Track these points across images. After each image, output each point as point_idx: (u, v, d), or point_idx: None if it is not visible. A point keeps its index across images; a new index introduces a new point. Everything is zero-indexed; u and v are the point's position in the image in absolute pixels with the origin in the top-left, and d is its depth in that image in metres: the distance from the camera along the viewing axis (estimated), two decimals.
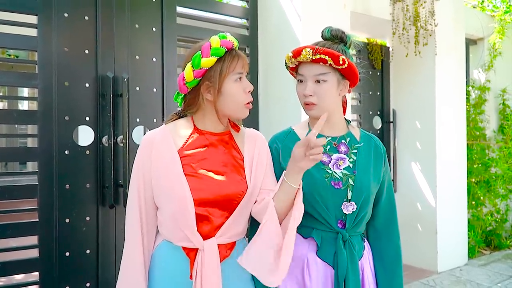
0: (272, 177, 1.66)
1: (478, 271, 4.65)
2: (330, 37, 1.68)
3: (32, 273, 2.75)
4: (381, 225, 1.79)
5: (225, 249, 1.55)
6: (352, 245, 1.64)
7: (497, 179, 5.59)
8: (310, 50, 1.60)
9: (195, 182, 1.50)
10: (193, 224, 1.49)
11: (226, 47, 1.53)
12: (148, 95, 3.14)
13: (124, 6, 3.05)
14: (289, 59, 1.68)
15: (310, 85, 1.64)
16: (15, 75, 2.77)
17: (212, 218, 1.52)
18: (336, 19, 3.67)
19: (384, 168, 1.77)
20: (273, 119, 3.70)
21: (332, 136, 1.73)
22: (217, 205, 1.52)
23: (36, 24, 2.74)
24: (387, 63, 5.08)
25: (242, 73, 1.56)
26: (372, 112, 4.94)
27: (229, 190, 1.53)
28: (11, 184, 2.78)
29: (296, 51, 1.64)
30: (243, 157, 1.62)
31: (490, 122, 6.04)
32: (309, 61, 1.62)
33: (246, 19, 3.82)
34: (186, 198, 1.47)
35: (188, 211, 1.48)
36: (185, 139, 1.58)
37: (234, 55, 1.55)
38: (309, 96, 1.64)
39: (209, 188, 1.50)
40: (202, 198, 1.49)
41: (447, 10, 4.77)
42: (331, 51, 1.59)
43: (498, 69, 5.99)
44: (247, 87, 1.57)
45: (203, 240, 1.50)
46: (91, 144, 2.90)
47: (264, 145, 1.69)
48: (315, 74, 1.63)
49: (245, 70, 1.58)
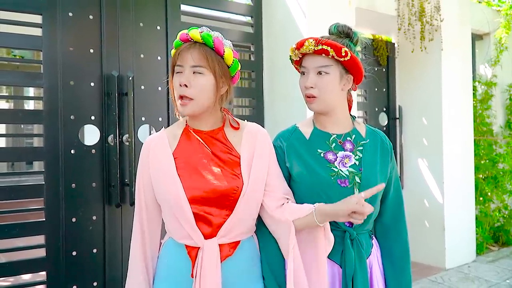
0: (278, 178, 1.64)
1: (486, 268, 4.62)
2: (337, 32, 1.67)
3: (39, 272, 2.76)
4: (389, 221, 1.77)
5: (228, 248, 1.53)
6: (360, 243, 1.62)
7: (504, 175, 5.55)
8: (312, 41, 1.60)
9: (188, 181, 1.50)
10: (192, 221, 1.48)
11: (181, 39, 1.53)
12: (153, 93, 3.14)
13: (129, 5, 3.04)
14: (292, 51, 1.68)
15: (311, 77, 1.63)
16: (21, 75, 2.77)
17: (211, 218, 1.50)
18: (341, 15, 3.65)
19: (391, 164, 1.75)
20: (278, 116, 3.69)
21: (337, 134, 1.71)
22: (213, 203, 1.50)
23: (41, 24, 2.74)
24: (393, 59, 5.05)
25: (182, 65, 1.50)
26: (378, 108, 4.92)
27: (221, 186, 1.50)
28: (18, 184, 2.78)
29: (299, 42, 1.64)
30: (238, 153, 1.58)
31: (497, 117, 6.00)
32: (311, 52, 1.61)
33: (251, 17, 3.80)
34: (180, 197, 1.47)
35: (184, 210, 1.48)
36: (178, 139, 1.59)
37: (182, 48, 1.51)
38: (310, 88, 1.63)
39: (201, 186, 1.49)
40: (195, 196, 1.48)
41: (452, 5, 4.74)
42: (334, 42, 1.58)
43: (504, 64, 5.94)
44: (178, 80, 1.50)
45: (205, 239, 1.50)
46: (97, 143, 2.90)
47: (265, 140, 1.64)
48: (317, 66, 1.62)
49: (187, 63, 1.49)
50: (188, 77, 1.48)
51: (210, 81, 1.51)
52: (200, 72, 1.49)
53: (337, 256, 1.62)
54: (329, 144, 1.68)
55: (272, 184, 1.60)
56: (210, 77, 1.50)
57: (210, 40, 1.49)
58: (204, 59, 1.49)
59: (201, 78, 1.49)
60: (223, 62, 1.54)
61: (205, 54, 1.49)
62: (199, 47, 1.50)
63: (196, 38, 1.50)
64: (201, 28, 1.54)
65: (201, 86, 1.49)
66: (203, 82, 1.49)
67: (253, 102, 3.78)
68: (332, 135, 1.70)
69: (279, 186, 1.62)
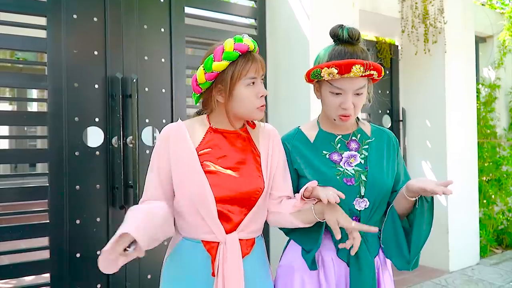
0: (286, 180, 1.66)
1: (490, 270, 4.60)
2: (348, 38, 1.62)
3: (43, 274, 2.76)
4: None
5: (246, 246, 1.55)
6: (367, 242, 1.63)
7: (508, 178, 5.53)
8: (361, 67, 1.53)
9: (215, 179, 1.50)
10: (216, 218, 1.50)
11: (240, 50, 1.51)
12: (157, 95, 3.14)
13: (133, 7, 3.05)
14: (329, 74, 1.56)
15: (351, 98, 1.60)
16: (25, 77, 2.79)
17: (232, 216, 1.53)
18: (345, 17, 3.65)
19: (398, 159, 1.75)
20: (282, 119, 3.69)
21: (343, 134, 1.72)
22: (237, 202, 1.53)
23: (45, 26, 2.75)
24: (396, 62, 5.04)
25: (256, 77, 1.54)
26: (381, 111, 4.91)
27: (248, 187, 1.53)
28: (22, 186, 2.78)
29: (343, 67, 1.53)
30: (259, 153, 1.62)
31: (501, 120, 5.98)
32: (357, 77, 1.57)
33: (255, 19, 3.81)
34: (207, 196, 1.48)
35: (210, 209, 1.49)
36: (202, 137, 1.58)
37: (248, 59, 1.53)
38: (349, 109, 1.61)
39: (228, 186, 1.51)
40: (222, 196, 1.50)
41: (456, 7, 4.73)
42: (379, 66, 1.58)
43: (508, 67, 5.93)
44: (260, 92, 1.55)
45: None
46: (101, 145, 2.91)
47: (278, 141, 1.69)
48: (358, 88, 1.59)
49: (259, 74, 1.55)
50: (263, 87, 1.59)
51: None
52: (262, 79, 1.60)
53: (344, 255, 1.62)
54: (335, 145, 1.69)
55: (280, 187, 1.64)
56: None
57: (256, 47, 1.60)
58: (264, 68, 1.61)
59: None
60: None
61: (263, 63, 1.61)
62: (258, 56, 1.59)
63: (252, 47, 1.56)
64: (243, 35, 1.57)
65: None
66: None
67: None
68: (337, 136, 1.71)
69: (285, 191, 1.65)
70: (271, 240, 3.73)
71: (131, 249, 1.33)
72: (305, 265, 1.63)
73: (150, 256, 3.05)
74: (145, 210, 1.48)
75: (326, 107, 1.67)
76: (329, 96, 1.63)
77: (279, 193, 1.63)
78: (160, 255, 1.84)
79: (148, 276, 3.06)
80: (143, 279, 3.04)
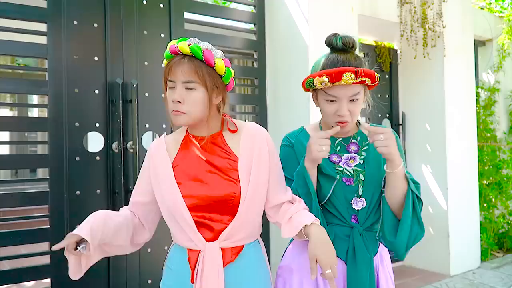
0: (279, 184, 1.61)
1: (491, 274, 4.60)
2: (342, 46, 1.63)
3: (43, 279, 2.76)
4: None
5: (230, 254, 1.51)
6: (366, 241, 1.65)
7: (508, 181, 5.53)
8: (351, 74, 1.54)
9: (186, 189, 1.50)
10: (193, 226, 1.49)
11: (170, 51, 1.49)
12: (157, 101, 3.15)
13: (133, 13, 3.07)
14: (321, 83, 1.57)
15: (345, 105, 1.60)
16: (25, 83, 2.79)
17: (212, 224, 1.50)
18: (344, 22, 3.66)
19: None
20: (282, 123, 3.70)
21: (343, 138, 1.74)
22: (213, 210, 1.50)
23: (46, 32, 2.76)
24: (396, 66, 5.06)
25: (174, 81, 1.47)
26: (381, 115, 4.92)
27: (218, 192, 1.49)
28: (22, 191, 2.79)
29: (334, 75, 1.54)
30: (237, 157, 1.55)
31: (500, 123, 5.99)
32: (349, 84, 1.57)
33: (254, 24, 3.82)
34: (179, 206, 1.48)
35: (184, 217, 1.48)
36: (177, 150, 1.59)
37: (173, 62, 1.48)
38: (345, 116, 1.62)
39: (198, 193, 1.49)
40: (194, 203, 1.49)
41: (454, 11, 4.75)
42: (371, 72, 1.58)
43: (507, 70, 5.94)
44: (171, 96, 1.48)
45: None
46: (101, 150, 2.91)
47: (264, 141, 1.58)
48: (352, 95, 1.60)
49: (178, 80, 1.46)
50: (181, 93, 1.46)
51: (202, 94, 1.47)
52: (191, 87, 1.46)
53: (342, 253, 1.64)
54: (334, 147, 1.72)
55: (274, 194, 1.59)
56: (202, 91, 1.47)
57: (200, 52, 1.46)
58: (195, 74, 1.45)
59: (193, 94, 1.46)
60: (215, 73, 1.50)
61: (195, 69, 1.45)
62: (189, 60, 1.46)
63: (185, 51, 1.46)
64: (189, 39, 1.49)
65: (193, 102, 1.46)
66: (195, 97, 1.47)
67: (256, 108, 3.79)
68: (337, 139, 1.74)
69: (279, 197, 1.60)
70: (272, 244, 3.73)
71: (81, 248, 1.41)
72: (304, 266, 1.64)
73: (151, 261, 3.06)
74: (102, 213, 1.56)
75: (323, 114, 1.69)
76: (325, 104, 1.64)
77: (274, 201, 1.58)
78: (160, 260, 1.84)
79: (149, 281, 3.06)
80: (144, 284, 3.04)
